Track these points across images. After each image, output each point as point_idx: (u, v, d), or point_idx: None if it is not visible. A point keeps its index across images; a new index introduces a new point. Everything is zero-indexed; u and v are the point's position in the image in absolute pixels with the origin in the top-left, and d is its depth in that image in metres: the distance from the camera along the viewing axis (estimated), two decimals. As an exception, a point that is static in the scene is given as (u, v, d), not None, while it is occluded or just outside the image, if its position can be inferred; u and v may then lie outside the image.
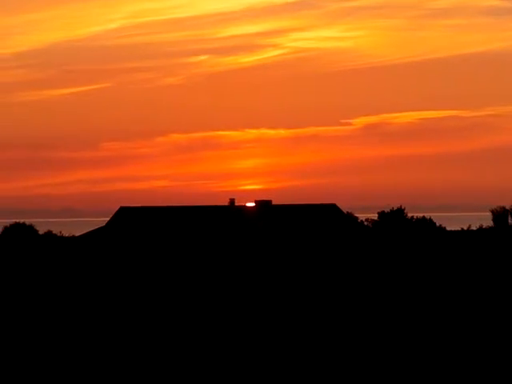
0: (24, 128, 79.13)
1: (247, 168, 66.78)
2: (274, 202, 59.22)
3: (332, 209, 58.79)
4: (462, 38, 79.56)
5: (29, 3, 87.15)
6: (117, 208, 65.15)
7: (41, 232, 64.90)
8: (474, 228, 50.87)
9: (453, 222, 56.89)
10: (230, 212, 60.90)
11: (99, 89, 68.21)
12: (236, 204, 61.61)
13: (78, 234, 62.44)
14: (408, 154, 62.27)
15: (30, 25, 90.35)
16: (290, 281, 40.06)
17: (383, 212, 53.77)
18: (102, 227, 65.05)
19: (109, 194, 66.95)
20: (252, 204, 58.75)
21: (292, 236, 54.11)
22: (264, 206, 58.99)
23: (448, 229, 54.30)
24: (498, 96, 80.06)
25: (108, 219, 63.31)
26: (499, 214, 48.70)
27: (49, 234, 65.62)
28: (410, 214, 53.61)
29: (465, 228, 52.05)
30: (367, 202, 71.61)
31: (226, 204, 61.85)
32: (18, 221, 64.69)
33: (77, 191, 75.00)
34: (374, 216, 55.97)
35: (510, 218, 48.09)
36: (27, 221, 65.81)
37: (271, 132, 56.10)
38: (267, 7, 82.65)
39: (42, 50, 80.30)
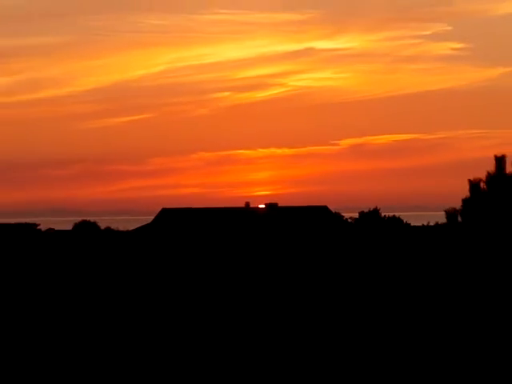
0: (91, 147, 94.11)
1: (259, 178, 78.11)
2: (279, 205, 70.77)
3: (324, 210, 71.12)
4: (424, 79, 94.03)
5: (94, 52, 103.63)
6: (160, 209, 75.51)
7: (102, 227, 78.57)
8: (432, 224, 61.63)
9: (417, 219, 68.23)
10: (246, 212, 72.91)
11: (147, 118, 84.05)
12: (250, 206, 73.37)
13: (130, 229, 76.07)
14: (384, 167, 75.23)
15: (95, 69, 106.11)
16: (289, 271, 41.30)
17: (363, 212, 65.90)
18: (148, 224, 75.63)
19: (154, 198, 78.77)
20: (263, 206, 70.10)
21: (293, 231, 65.64)
22: (272, 207, 71.11)
23: (412, 224, 66.03)
24: (450, 123, 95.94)
25: (153, 218, 75.37)
26: (451, 214, 56.97)
27: (108, 229, 78.74)
28: (383, 214, 66.10)
29: (425, 224, 63.62)
30: (351, 204, 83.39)
31: (243, 206, 73.44)
32: (85, 218, 76.17)
33: (130, 196, 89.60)
34: (356, 215, 68.04)
35: (459, 217, 55.51)
36: (92, 218, 77.24)
37: (278, 151, 68.00)
38: (274, 55, 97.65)
39: (105, 87, 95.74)
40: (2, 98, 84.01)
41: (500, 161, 32.17)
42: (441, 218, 59.27)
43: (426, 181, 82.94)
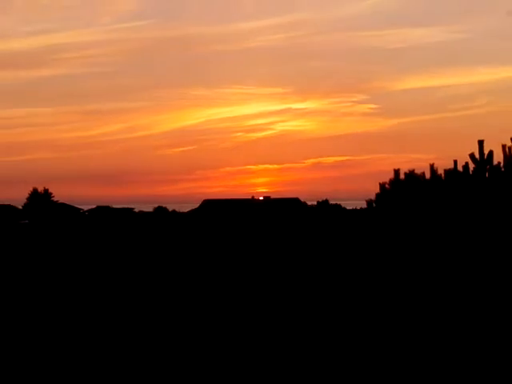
0: (164, 164, 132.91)
1: (259, 182, 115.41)
2: (271, 197, 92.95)
3: (296, 201, 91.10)
4: (354, 125, 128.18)
5: (164, 110, 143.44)
6: (203, 199, 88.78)
7: (169, 210, 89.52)
8: (358, 208, 70.03)
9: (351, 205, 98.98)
10: (253, 203, 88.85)
11: (194, 148, 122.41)
12: (255, 198, 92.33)
13: (186, 211, 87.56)
14: (331, 176, 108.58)
15: (166, 120, 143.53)
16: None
17: (318, 201, 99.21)
18: (196, 208, 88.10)
19: (200, 193, 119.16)
20: (261, 198, 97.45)
21: (278, 215, 73.93)
22: (266, 199, 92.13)
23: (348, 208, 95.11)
24: (369, 150, 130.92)
25: (199, 205, 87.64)
26: (369, 202, 56.17)
27: (173, 211, 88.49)
28: (331, 202, 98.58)
29: (356, 208, 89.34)
30: (313, 197, 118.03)
31: (250, 198, 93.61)
32: (161, 205, 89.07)
33: (187, 191, 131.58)
34: (314, 203, 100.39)
35: (373, 204, 53.44)
36: (165, 205, 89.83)
37: (270, 166, 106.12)
38: (268, 112, 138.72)
39: (171, 130, 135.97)
40: (121, 135, 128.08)
41: (397, 172, 46.73)
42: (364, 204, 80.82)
43: (356, 184, 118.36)
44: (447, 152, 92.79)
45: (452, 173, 27.22)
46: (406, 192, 29.78)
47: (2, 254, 35.96)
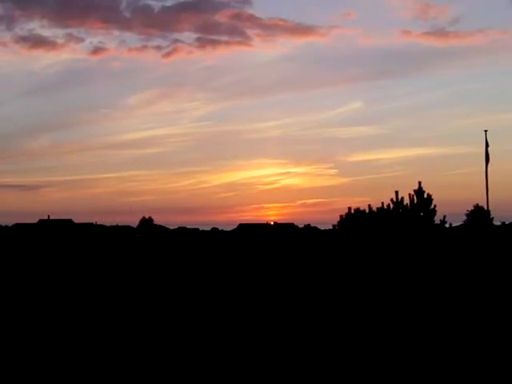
0: (218, 203, 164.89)
1: (271, 214, 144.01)
2: (277, 222, 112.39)
3: (291, 225, 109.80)
4: (326, 182, 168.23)
5: (220, 172, 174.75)
6: (239, 223, 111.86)
7: (220, 229, 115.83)
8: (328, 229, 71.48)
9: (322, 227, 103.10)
10: (268, 225, 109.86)
11: (234, 194, 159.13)
12: (268, 222, 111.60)
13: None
14: (313, 210, 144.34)
15: (219, 179, 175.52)
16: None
17: (305, 225, 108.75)
18: (234, 229, 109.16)
19: (238, 220, 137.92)
20: (272, 223, 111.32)
21: (279, 235, 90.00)
22: (275, 223, 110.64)
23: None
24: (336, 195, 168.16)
25: (236, 227, 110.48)
26: (334, 226, 51.29)
27: (222, 230, 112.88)
28: (312, 225, 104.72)
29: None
30: (302, 222, 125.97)
31: (265, 222, 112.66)
32: (215, 226, 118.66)
33: (229, 219, 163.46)
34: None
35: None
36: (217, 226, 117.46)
37: (277, 204, 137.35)
38: (274, 173, 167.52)
39: (221, 184, 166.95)
40: (193, 186, 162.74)
41: (349, 208, 42.47)
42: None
43: (327, 215, 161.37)
44: (378, 197, 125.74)
45: (381, 209, 39.34)
46: (355, 220, 41.74)
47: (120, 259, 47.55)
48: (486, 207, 33.79)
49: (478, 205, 66.50)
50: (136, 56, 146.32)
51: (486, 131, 33.12)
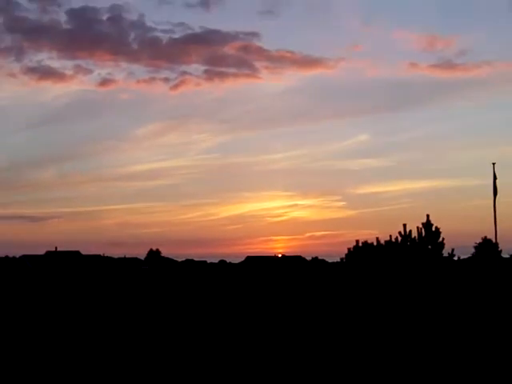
0: (226, 235, 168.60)
1: (279, 246, 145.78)
2: (285, 255, 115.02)
3: (299, 257, 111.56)
4: (334, 213, 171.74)
5: (227, 204, 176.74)
6: (246, 256, 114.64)
7: (227, 261, 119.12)
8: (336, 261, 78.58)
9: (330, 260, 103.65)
10: (275, 257, 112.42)
11: (241, 226, 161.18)
12: (276, 255, 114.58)
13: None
14: (321, 243, 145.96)
15: (226, 211, 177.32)
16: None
17: (313, 257, 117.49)
18: (242, 261, 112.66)
19: (246, 252, 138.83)
20: (280, 255, 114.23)
21: (287, 267, 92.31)
22: (282, 256, 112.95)
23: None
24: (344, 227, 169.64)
25: (243, 259, 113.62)
26: (342, 259, 50.35)
27: (229, 263, 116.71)
28: (320, 258, 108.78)
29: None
30: (310, 255, 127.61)
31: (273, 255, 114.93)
32: (223, 259, 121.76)
33: (237, 251, 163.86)
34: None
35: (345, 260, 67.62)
36: (225, 259, 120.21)
37: (285, 237, 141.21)
38: (283, 206, 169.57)
39: (228, 216, 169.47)
40: (201, 218, 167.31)
41: (357, 241, 42.95)
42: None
43: (335, 247, 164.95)
44: (386, 230, 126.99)
45: (389, 242, 40.46)
46: (363, 253, 43.59)
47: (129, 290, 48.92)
48: (494, 240, 34.03)
49: (486, 237, 66.59)
50: (144, 88, 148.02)
51: (493, 164, 33.32)
